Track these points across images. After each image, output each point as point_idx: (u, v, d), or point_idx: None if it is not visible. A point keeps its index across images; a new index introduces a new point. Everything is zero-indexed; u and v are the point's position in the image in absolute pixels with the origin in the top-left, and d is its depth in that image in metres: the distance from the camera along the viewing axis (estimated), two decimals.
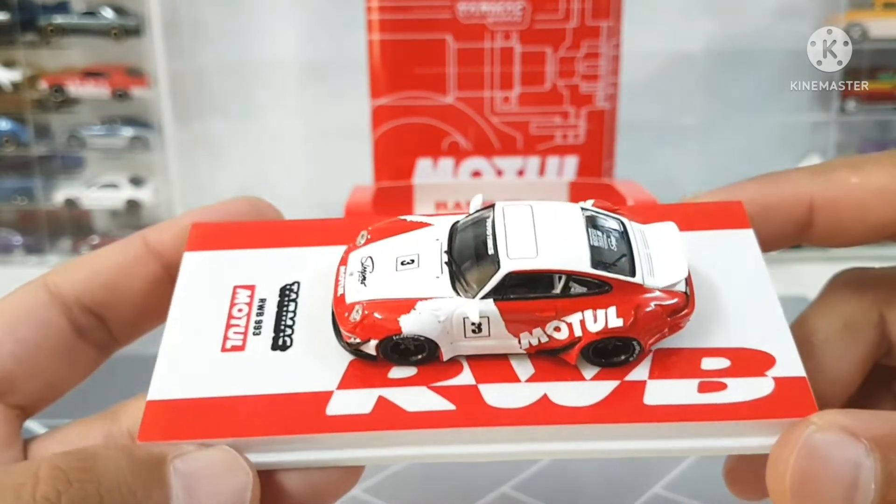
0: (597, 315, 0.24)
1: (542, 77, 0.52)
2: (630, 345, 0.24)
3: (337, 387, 0.24)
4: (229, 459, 0.22)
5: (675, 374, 0.24)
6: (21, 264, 0.87)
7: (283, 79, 0.85)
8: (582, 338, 0.24)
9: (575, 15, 0.51)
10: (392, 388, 0.24)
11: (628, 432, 0.23)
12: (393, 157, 0.54)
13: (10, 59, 0.84)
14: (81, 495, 0.19)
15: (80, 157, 0.88)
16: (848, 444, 0.21)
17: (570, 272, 0.24)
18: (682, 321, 0.25)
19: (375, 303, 0.24)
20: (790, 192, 0.29)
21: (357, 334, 0.24)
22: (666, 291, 0.24)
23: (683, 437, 0.23)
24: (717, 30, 0.82)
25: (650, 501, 0.41)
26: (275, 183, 0.89)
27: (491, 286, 0.24)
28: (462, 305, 0.24)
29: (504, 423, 0.23)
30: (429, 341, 0.24)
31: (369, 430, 0.23)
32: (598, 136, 0.54)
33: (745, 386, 0.24)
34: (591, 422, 0.23)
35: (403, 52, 0.52)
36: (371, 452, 0.23)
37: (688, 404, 0.23)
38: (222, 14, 0.84)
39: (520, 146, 0.54)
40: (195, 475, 0.21)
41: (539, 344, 0.24)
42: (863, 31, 0.78)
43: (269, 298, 0.26)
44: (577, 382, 0.24)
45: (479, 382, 0.24)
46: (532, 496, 0.42)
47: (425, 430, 0.23)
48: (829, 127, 0.84)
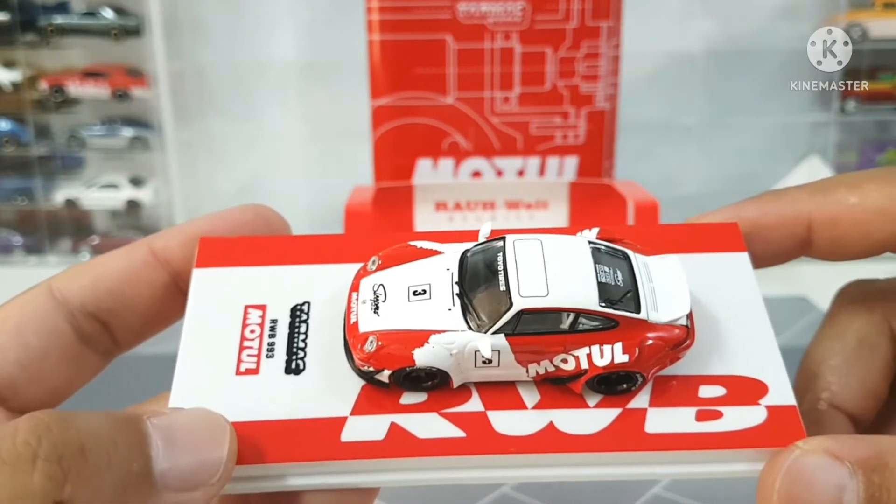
0: (603, 351, 0.25)
1: (542, 77, 0.52)
2: (633, 377, 0.25)
3: (350, 412, 0.25)
4: (204, 413, 0.23)
5: (673, 402, 0.25)
6: (21, 264, 0.87)
7: (283, 79, 0.85)
8: (588, 370, 0.25)
9: (575, 15, 0.51)
10: (404, 415, 0.25)
11: (630, 459, 0.25)
12: (393, 157, 0.54)
13: (10, 59, 0.84)
14: (62, 439, 0.19)
15: (80, 157, 0.88)
16: (832, 466, 0.22)
17: (580, 310, 0.25)
18: (681, 353, 0.26)
19: (389, 334, 0.25)
20: (789, 211, 0.29)
21: (371, 364, 0.25)
22: (668, 326, 0.25)
23: (681, 464, 0.25)
24: (717, 30, 0.82)
25: (650, 502, 0.41)
26: (275, 183, 0.89)
27: (503, 322, 0.25)
28: (474, 340, 0.25)
29: (512, 451, 0.24)
30: (440, 371, 0.25)
31: (383, 457, 0.24)
32: (598, 136, 0.54)
33: (739, 415, 0.25)
34: (594, 450, 0.24)
35: (403, 52, 0.52)
36: (385, 477, 0.24)
37: (686, 433, 0.25)
38: (222, 14, 0.84)
39: (520, 146, 0.54)
40: (172, 427, 0.21)
41: (546, 373, 0.25)
42: (863, 31, 0.78)
43: (280, 319, 0.27)
44: (581, 410, 0.25)
45: (488, 409, 0.25)
46: (532, 496, 0.42)
47: (437, 457, 0.24)
48: (829, 127, 0.84)
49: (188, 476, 0.21)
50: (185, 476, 0.21)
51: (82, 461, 0.19)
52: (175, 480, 0.21)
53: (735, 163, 0.86)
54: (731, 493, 0.41)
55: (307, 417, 0.24)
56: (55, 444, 0.19)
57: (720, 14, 0.82)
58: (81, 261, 0.86)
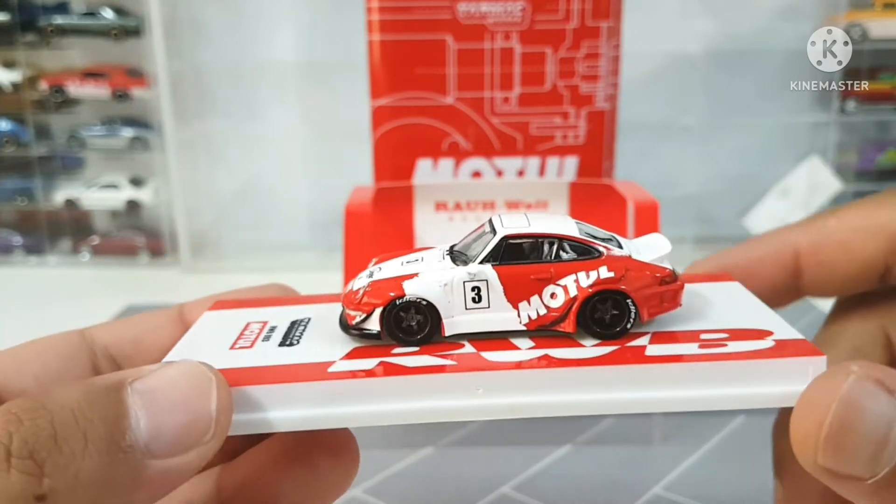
0: (589, 274, 0.25)
1: (542, 77, 0.52)
2: (626, 307, 0.25)
3: (340, 358, 0.25)
4: (189, 368, 0.21)
5: (674, 340, 0.25)
6: (21, 265, 0.87)
7: (283, 79, 0.85)
8: (577, 296, 0.25)
9: (575, 15, 0.51)
10: (394, 357, 0.25)
11: (631, 378, 0.23)
12: (393, 157, 0.54)
13: (10, 59, 0.84)
14: (33, 431, 0.18)
15: (80, 157, 0.88)
16: (882, 398, 0.21)
17: (561, 236, 0.26)
18: (676, 295, 0.26)
19: (380, 280, 0.26)
20: (774, 244, 0.30)
21: (362, 308, 0.25)
22: (653, 265, 0.26)
23: (689, 386, 0.23)
24: (717, 30, 0.82)
25: (650, 502, 0.41)
26: (275, 183, 0.89)
27: (488, 250, 0.26)
28: (462, 271, 0.26)
29: (502, 369, 0.24)
30: (430, 308, 0.25)
31: (369, 377, 0.23)
32: (598, 136, 0.53)
33: (746, 345, 0.24)
34: (591, 365, 0.23)
35: (403, 52, 0.52)
36: (371, 407, 0.23)
37: (689, 354, 0.24)
38: (222, 14, 0.84)
39: (520, 146, 0.54)
40: (154, 390, 0.20)
41: (538, 317, 0.25)
42: (863, 31, 0.78)
43: (279, 326, 0.28)
44: (577, 348, 0.25)
45: (481, 350, 0.25)
46: (532, 496, 0.42)
47: (425, 375, 0.23)
48: (829, 127, 0.84)
49: (176, 439, 0.20)
50: (172, 440, 0.20)
51: (56, 451, 0.18)
52: (162, 447, 0.20)
53: (735, 163, 0.86)
54: (731, 493, 0.42)
55: (296, 363, 0.25)
56: (25, 438, 0.18)
57: (720, 14, 0.82)
58: (82, 260, 0.86)
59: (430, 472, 0.45)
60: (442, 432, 0.48)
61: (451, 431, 0.49)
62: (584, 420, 0.49)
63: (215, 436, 0.21)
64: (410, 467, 0.45)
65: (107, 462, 0.19)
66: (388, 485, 0.43)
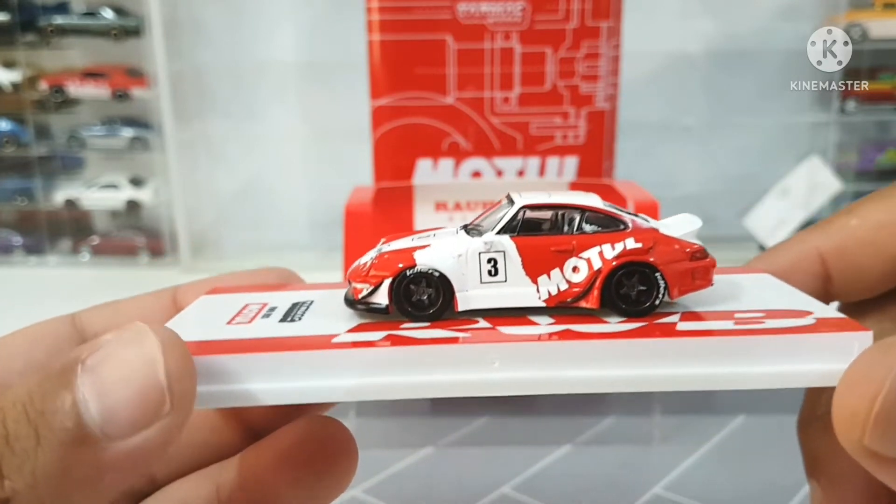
0: (614, 245, 0.23)
1: (542, 77, 0.52)
2: (654, 282, 0.23)
3: (345, 331, 0.23)
4: (129, 335, 0.19)
5: (707, 318, 0.23)
6: (21, 265, 0.87)
7: (283, 79, 0.85)
8: (601, 269, 0.23)
9: (575, 15, 0.51)
10: (403, 330, 0.23)
11: (662, 352, 0.21)
12: (393, 157, 0.54)
13: (10, 59, 0.84)
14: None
15: (80, 157, 0.88)
16: None
17: (584, 206, 0.24)
18: (707, 272, 0.24)
19: (389, 252, 0.24)
20: (797, 252, 0.29)
21: (369, 280, 0.23)
22: (682, 240, 0.24)
23: (723, 362, 0.21)
24: (717, 30, 0.82)
25: (650, 502, 0.41)
26: (275, 183, 0.89)
27: (506, 220, 0.24)
28: (478, 241, 0.24)
29: (521, 341, 0.21)
30: (443, 281, 0.23)
31: (376, 347, 0.21)
32: (598, 136, 0.54)
33: (784, 322, 0.22)
34: (619, 338, 0.21)
35: (403, 52, 0.52)
36: (378, 379, 0.21)
37: (725, 329, 0.22)
38: (222, 14, 0.84)
39: (520, 147, 0.54)
40: (101, 363, 0.19)
41: (558, 293, 0.23)
42: (863, 31, 0.78)
43: (279, 307, 0.26)
44: (601, 325, 0.23)
45: (497, 325, 0.23)
46: (532, 496, 0.42)
47: (436, 346, 0.21)
48: (829, 127, 0.84)
49: (131, 417, 0.18)
50: (127, 419, 0.18)
51: (9, 451, 0.17)
52: (118, 428, 0.18)
53: (735, 163, 0.86)
54: (731, 493, 0.42)
55: (298, 335, 0.23)
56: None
57: (720, 14, 0.82)
58: (82, 260, 0.86)
59: (430, 472, 0.45)
60: (442, 432, 0.48)
61: (451, 431, 0.49)
62: (585, 420, 0.49)
63: (175, 407, 0.19)
64: (410, 467, 0.45)
65: (61, 454, 0.18)
66: (388, 485, 0.43)
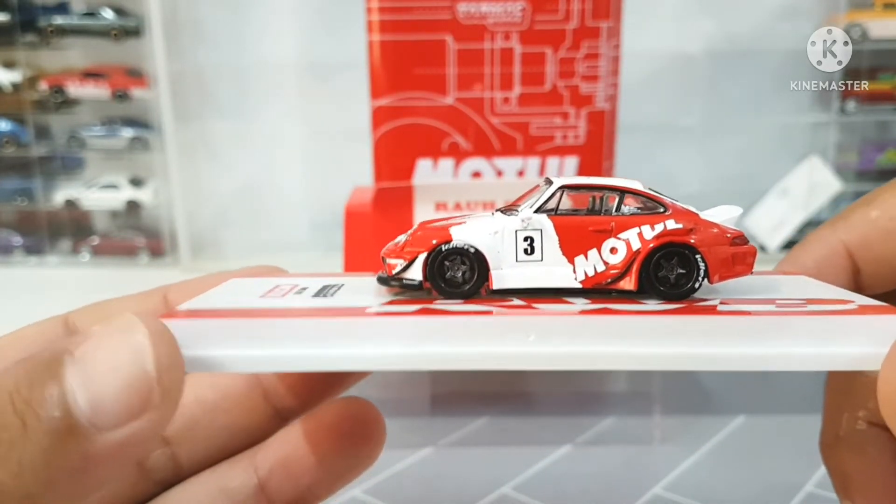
0: (654, 227, 0.23)
1: (542, 78, 0.52)
2: (694, 265, 0.23)
3: (380, 304, 0.23)
4: (118, 325, 0.19)
5: (748, 303, 0.22)
6: (21, 265, 0.87)
7: (283, 79, 0.85)
8: (640, 250, 0.23)
9: (575, 16, 0.51)
10: (436, 304, 0.22)
11: (702, 330, 0.20)
12: (393, 157, 0.54)
13: (10, 59, 0.84)
14: None
15: (80, 157, 0.88)
16: None
17: (623, 188, 0.24)
18: (748, 258, 0.23)
19: (424, 227, 0.24)
20: (823, 249, 0.28)
21: (403, 255, 0.23)
22: (724, 226, 0.24)
23: (764, 342, 0.20)
24: (717, 30, 0.82)
25: (650, 502, 0.41)
26: (275, 183, 0.89)
27: (544, 198, 0.24)
28: (515, 219, 0.23)
29: (557, 314, 0.21)
30: (478, 257, 0.23)
31: (410, 316, 0.21)
32: (598, 136, 0.53)
33: (826, 307, 0.22)
34: (658, 315, 0.21)
35: (403, 52, 0.52)
36: (412, 349, 0.21)
37: (765, 311, 0.21)
38: (222, 14, 0.84)
39: (520, 147, 0.54)
40: (88, 353, 0.18)
41: (595, 274, 0.23)
42: (863, 32, 0.78)
43: (310, 287, 0.25)
44: (639, 306, 0.22)
45: (532, 303, 0.22)
46: (532, 496, 0.42)
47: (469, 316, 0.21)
48: (829, 127, 0.84)
49: (120, 408, 0.18)
50: (116, 410, 0.18)
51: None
52: (107, 419, 0.18)
53: (735, 163, 0.86)
54: (731, 493, 0.41)
55: (332, 307, 0.22)
56: None
57: (720, 14, 0.82)
58: (82, 261, 0.86)
59: (430, 472, 0.45)
60: (442, 432, 0.48)
61: (451, 431, 0.49)
62: (585, 420, 0.49)
63: (165, 397, 0.18)
64: (410, 467, 0.45)
65: (48, 445, 0.17)
66: (388, 485, 0.43)
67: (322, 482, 0.28)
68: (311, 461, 0.27)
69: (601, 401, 0.52)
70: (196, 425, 0.27)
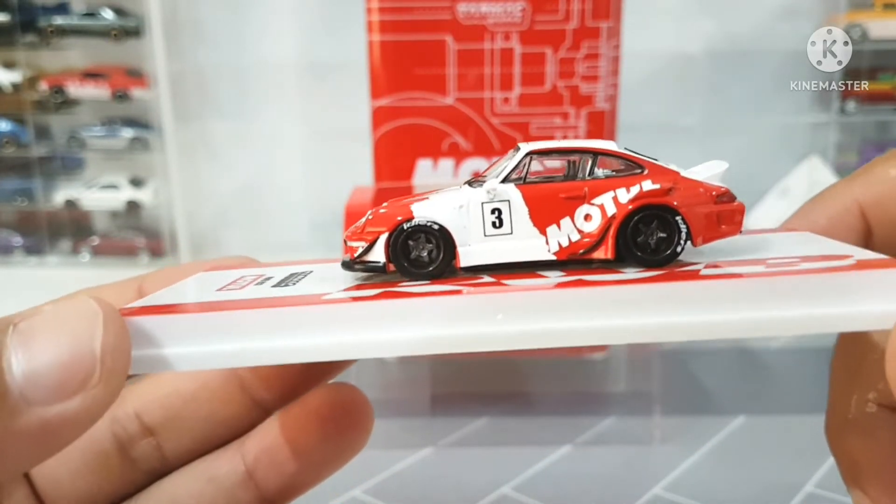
0: (630, 189, 0.21)
1: (542, 78, 0.52)
2: (674, 227, 0.21)
3: (338, 290, 0.21)
4: (72, 303, 0.19)
5: (736, 264, 0.21)
6: (21, 265, 0.87)
7: (283, 79, 0.85)
8: (616, 215, 0.21)
9: (575, 16, 0.51)
10: (400, 287, 0.21)
11: (686, 297, 0.19)
12: (393, 157, 0.54)
13: (10, 60, 0.84)
14: None
15: (80, 158, 0.88)
16: None
17: (598, 150, 0.22)
18: (735, 216, 0.22)
19: (386, 206, 0.22)
20: (837, 206, 0.27)
21: (364, 237, 0.22)
22: (707, 183, 0.22)
23: (756, 305, 0.18)
24: (717, 30, 0.82)
25: (650, 502, 0.41)
26: (275, 183, 0.89)
27: (511, 167, 0.22)
28: (480, 191, 0.22)
29: (525, 290, 0.19)
30: (443, 234, 0.21)
31: (369, 301, 0.20)
32: (598, 136, 0.53)
33: (821, 264, 0.19)
34: (637, 284, 0.19)
35: (403, 53, 0.52)
36: (372, 335, 0.19)
37: (755, 272, 0.19)
38: (222, 14, 0.84)
39: None
40: (32, 328, 0.18)
41: (570, 244, 0.21)
42: (863, 32, 0.78)
43: (276, 276, 0.24)
44: (617, 275, 0.20)
45: (502, 280, 0.21)
46: (532, 496, 0.42)
47: (433, 297, 0.19)
48: (829, 127, 0.84)
49: (55, 383, 0.17)
50: (51, 384, 0.17)
51: None
52: (39, 392, 0.17)
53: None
54: (731, 493, 0.42)
55: (290, 295, 0.21)
56: None
57: (720, 14, 0.82)
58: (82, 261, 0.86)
59: (430, 472, 0.45)
60: (442, 432, 0.48)
61: (451, 431, 0.49)
62: (585, 420, 0.49)
63: (103, 379, 0.18)
64: (410, 467, 0.45)
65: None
66: (388, 485, 0.43)
67: (308, 469, 0.27)
68: (295, 448, 0.27)
69: (601, 401, 0.52)
70: (177, 416, 0.27)
